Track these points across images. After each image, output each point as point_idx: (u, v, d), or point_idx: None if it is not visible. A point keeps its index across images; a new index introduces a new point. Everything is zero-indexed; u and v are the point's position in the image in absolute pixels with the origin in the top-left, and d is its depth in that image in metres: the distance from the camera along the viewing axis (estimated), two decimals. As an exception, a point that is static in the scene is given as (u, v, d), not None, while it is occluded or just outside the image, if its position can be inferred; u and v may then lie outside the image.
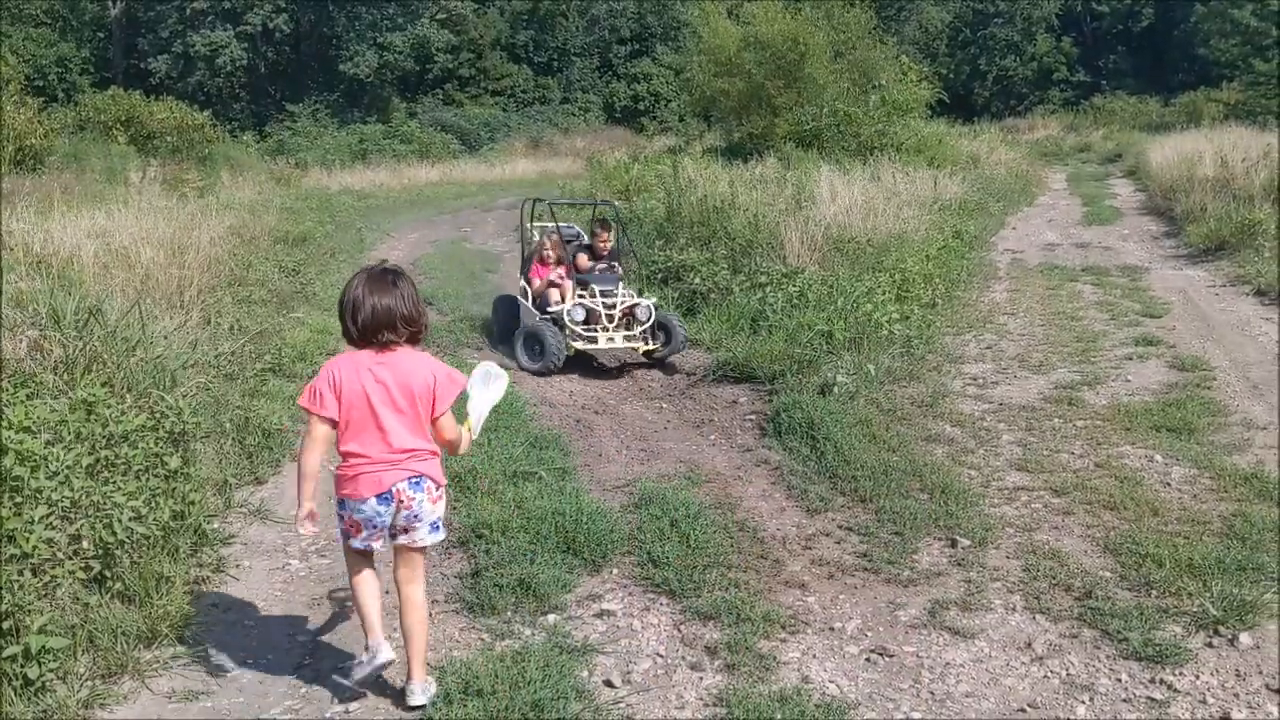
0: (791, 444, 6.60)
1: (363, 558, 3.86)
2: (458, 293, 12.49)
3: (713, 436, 7.12)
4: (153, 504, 4.75)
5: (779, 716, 3.58)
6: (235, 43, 41.10)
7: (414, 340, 3.77)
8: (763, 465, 6.42)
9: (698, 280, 10.99)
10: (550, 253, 9.95)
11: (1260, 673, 3.87)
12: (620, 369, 9.09)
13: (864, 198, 14.05)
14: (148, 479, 4.95)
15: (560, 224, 10.73)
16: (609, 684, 3.90)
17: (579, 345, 9.03)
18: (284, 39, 43.42)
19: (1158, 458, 6.15)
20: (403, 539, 3.77)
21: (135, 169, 20.73)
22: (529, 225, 10.64)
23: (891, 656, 4.08)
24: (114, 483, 4.73)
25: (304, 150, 35.78)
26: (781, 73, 22.49)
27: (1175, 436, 6.50)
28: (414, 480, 3.70)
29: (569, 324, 9.12)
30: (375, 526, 3.73)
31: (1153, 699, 3.73)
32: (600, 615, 4.45)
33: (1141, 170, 24.62)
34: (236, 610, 4.68)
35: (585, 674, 3.95)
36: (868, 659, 4.08)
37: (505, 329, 10.02)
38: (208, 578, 4.92)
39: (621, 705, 3.77)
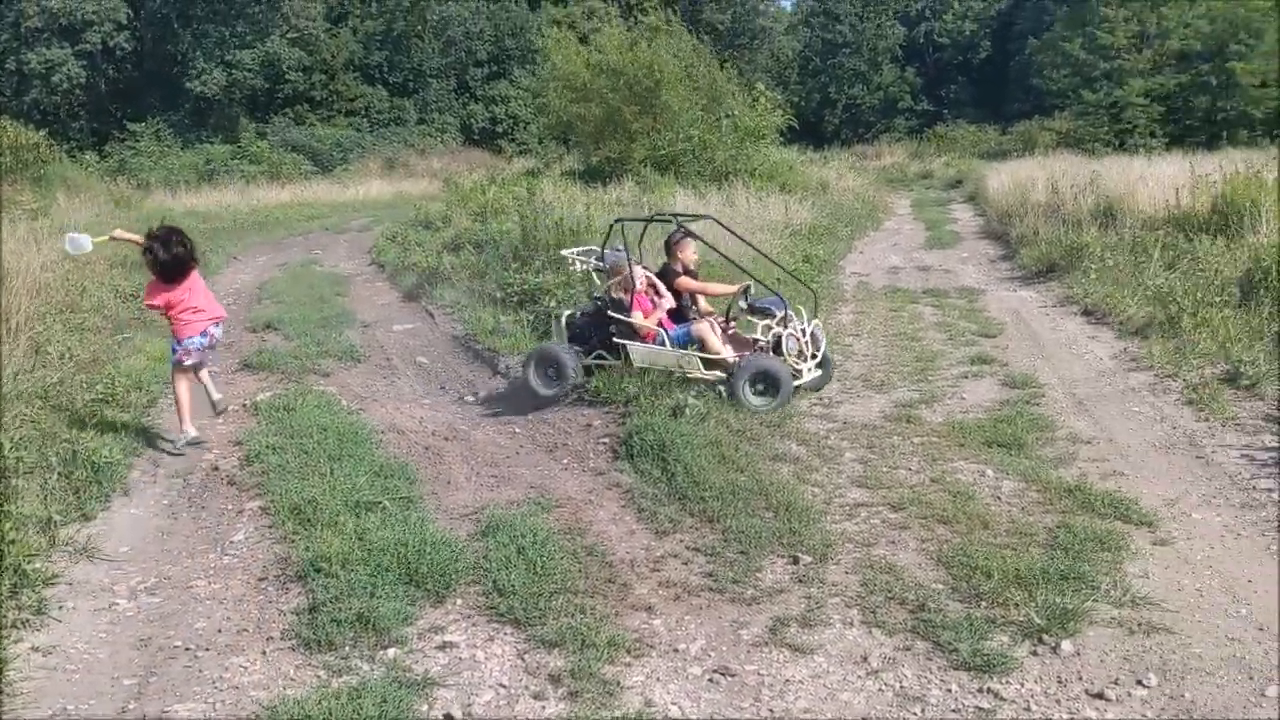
0: (643, 466, 6.64)
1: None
2: (305, 317, 12.19)
3: (565, 460, 7.10)
4: (-36, 545, 4.47)
5: (620, 742, 3.58)
6: (73, 60, 39.32)
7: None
8: (614, 488, 6.43)
9: (554, 303, 10.97)
10: (641, 282, 8.43)
11: (1080, 679, 4.05)
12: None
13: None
14: (-41, 519, 4.66)
15: (612, 247, 9.24)
16: (449, 717, 3.85)
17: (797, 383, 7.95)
18: (125, 56, 41.77)
19: (989, 472, 6.41)
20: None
21: (-39, 190, 19.58)
22: (618, 249, 8.91)
23: (734, 676, 4.13)
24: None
25: (147, 170, 34.50)
26: (636, 99, 22.75)
27: (1006, 451, 6.79)
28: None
29: (790, 360, 8.01)
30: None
31: (980, 708, 3.87)
32: (442, 647, 4.38)
33: (980, 196, 25.77)
34: (58, 654, 4.44)
35: (425, 708, 3.89)
36: (710, 679, 4.12)
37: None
38: (28, 620, 4.66)
39: (462, 738, 3.71)
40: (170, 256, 7.30)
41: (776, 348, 8.11)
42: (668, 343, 8.23)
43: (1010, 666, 4.11)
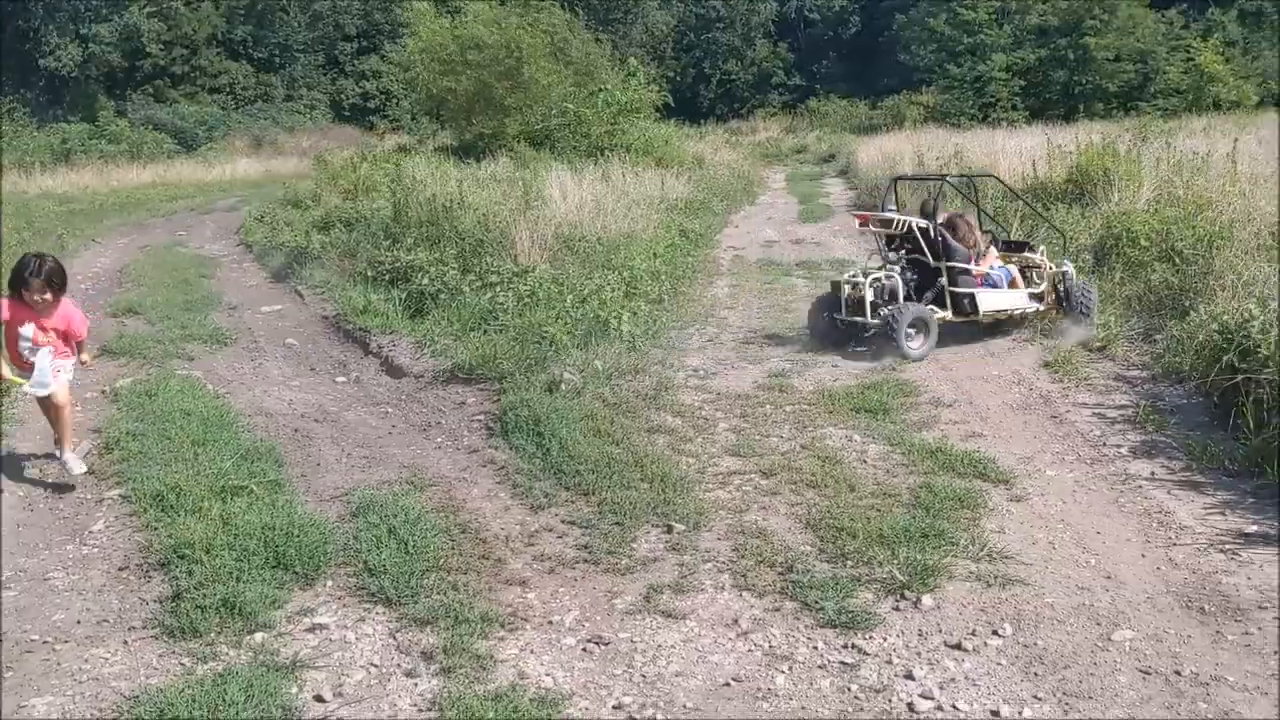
0: (518, 442, 6.61)
1: None
2: (168, 301, 11.78)
3: (439, 439, 7.03)
4: None
5: (492, 715, 3.58)
6: (-86, 36, 37.09)
7: None
8: (489, 465, 6.40)
9: (426, 281, 10.81)
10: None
11: (939, 631, 4.21)
12: None
13: (594, 197, 14.29)
14: None
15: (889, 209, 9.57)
16: (319, 699, 3.79)
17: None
18: (-29, 31, 39.59)
19: (856, 437, 6.59)
20: None
21: None
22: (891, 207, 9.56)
23: (607, 644, 4.17)
24: None
25: (-2, 152, 32.73)
26: (507, 74, 22.55)
27: (872, 417, 6.98)
28: None
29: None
30: None
31: (845, 663, 3.99)
32: (312, 630, 4.31)
33: (852, 170, 26.31)
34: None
35: (294, 691, 3.82)
36: (584, 649, 4.15)
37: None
38: None
39: (332, 719, 3.66)
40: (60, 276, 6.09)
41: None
42: (1004, 285, 9.04)
43: (874, 622, 4.25)
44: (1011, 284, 9.16)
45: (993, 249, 9.47)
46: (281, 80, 46.53)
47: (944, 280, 8.89)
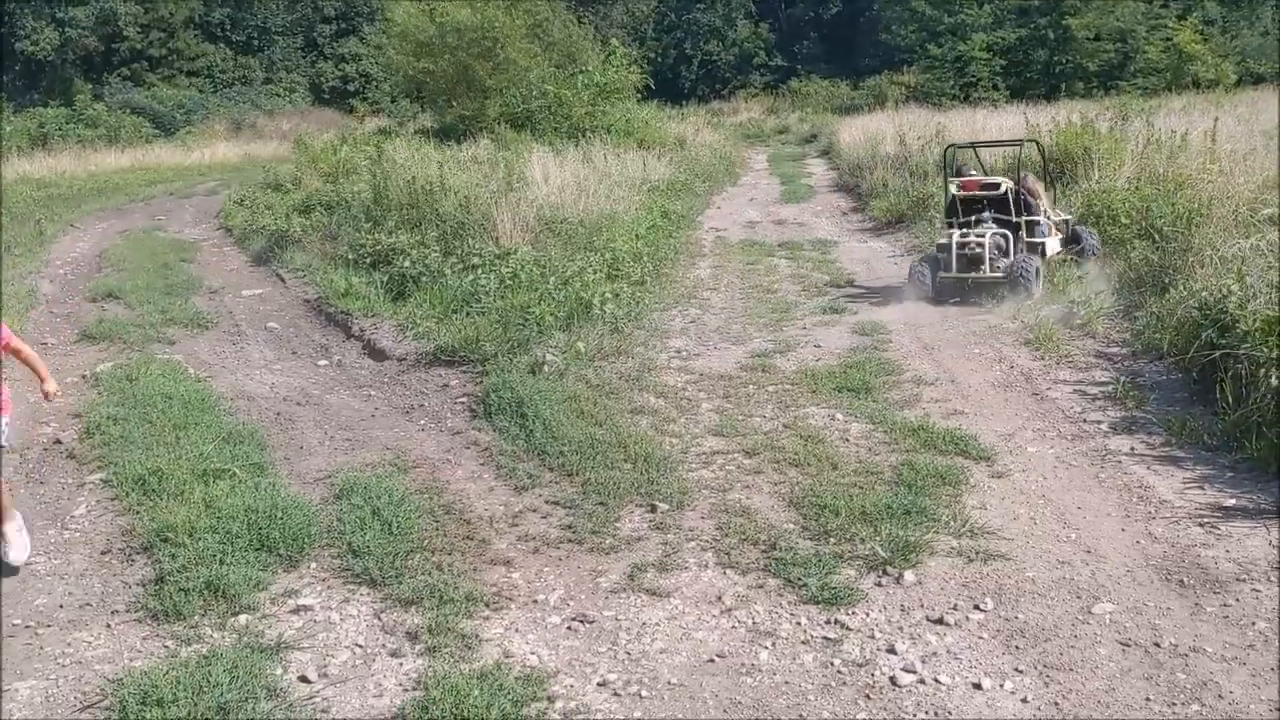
0: (501, 424, 6.61)
1: None
2: (148, 285, 11.72)
3: (422, 422, 7.02)
4: None
5: (477, 693, 3.59)
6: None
7: None
8: (472, 447, 6.40)
9: (407, 263, 10.78)
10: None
11: (921, 606, 4.24)
12: None
13: (576, 179, 14.24)
14: None
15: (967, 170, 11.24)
16: (304, 679, 3.80)
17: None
18: (-56, 15, 39.12)
19: (839, 416, 6.61)
20: None
21: None
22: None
23: (592, 622, 4.19)
24: None
25: (-27, 137, 32.39)
26: (486, 55, 22.43)
27: (854, 396, 7.00)
28: None
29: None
30: None
31: (828, 639, 4.02)
32: (296, 611, 4.31)
33: (833, 150, 26.28)
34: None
35: (279, 672, 3.82)
36: (569, 627, 4.16)
37: None
38: None
39: (317, 700, 3.67)
40: None
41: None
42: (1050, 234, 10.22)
43: (856, 598, 4.27)
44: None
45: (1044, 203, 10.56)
46: (260, 63, 46.16)
47: (1023, 233, 9.98)
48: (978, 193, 10.15)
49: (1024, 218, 9.98)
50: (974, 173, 11.09)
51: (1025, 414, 6.60)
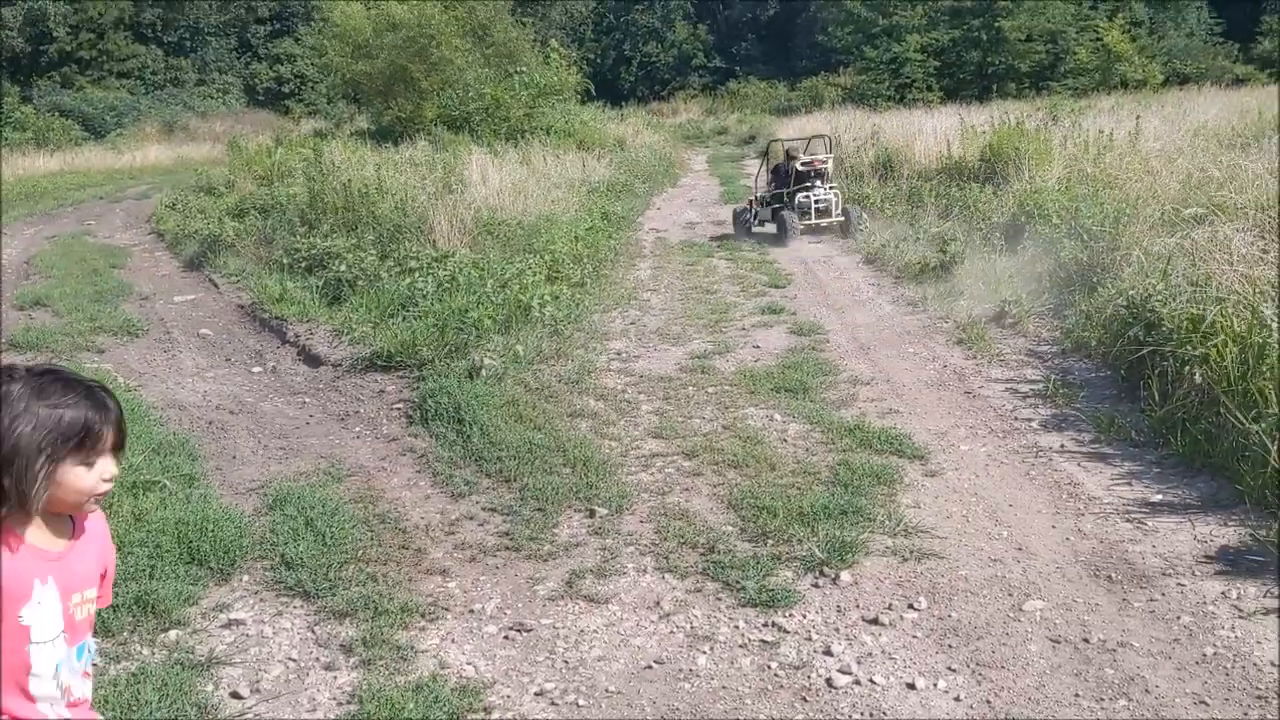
0: (438, 430, 6.55)
1: None
2: (77, 292, 11.46)
3: (358, 429, 6.94)
4: None
5: (412, 706, 3.55)
6: None
7: None
8: (408, 454, 6.33)
9: (343, 267, 10.66)
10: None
11: (857, 606, 4.27)
12: None
13: (514, 180, 14.21)
14: None
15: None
16: (236, 695, 3.73)
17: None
18: None
19: (777, 416, 6.65)
20: None
21: None
22: None
23: (529, 631, 4.16)
24: None
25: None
26: (422, 55, 22.28)
27: (792, 396, 7.04)
28: None
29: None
30: None
31: (765, 642, 4.03)
32: (228, 625, 4.23)
33: (772, 152, 26.40)
34: None
35: (210, 688, 3.75)
36: (506, 636, 4.13)
37: None
38: None
39: (249, 716, 3.61)
40: None
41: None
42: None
43: (793, 600, 4.30)
44: None
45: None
46: (193, 64, 45.39)
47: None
48: (818, 166, 14.17)
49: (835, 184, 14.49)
50: (821, 154, 14.99)
51: (958, 412, 6.68)
